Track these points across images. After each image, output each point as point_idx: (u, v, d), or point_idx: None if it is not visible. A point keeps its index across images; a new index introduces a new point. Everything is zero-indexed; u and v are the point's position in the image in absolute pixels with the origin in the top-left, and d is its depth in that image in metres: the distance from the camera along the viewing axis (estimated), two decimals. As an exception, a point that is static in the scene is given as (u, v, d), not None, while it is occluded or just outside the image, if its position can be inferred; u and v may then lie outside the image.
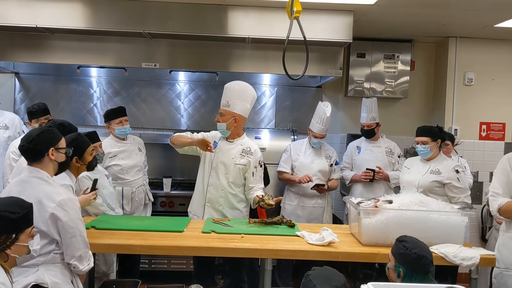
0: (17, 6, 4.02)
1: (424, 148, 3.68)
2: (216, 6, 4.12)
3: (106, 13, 4.10)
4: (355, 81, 5.22)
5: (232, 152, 3.60)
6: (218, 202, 3.59)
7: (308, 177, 4.13)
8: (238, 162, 3.58)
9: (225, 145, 3.63)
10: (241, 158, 3.59)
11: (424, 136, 3.68)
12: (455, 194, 3.60)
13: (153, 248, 2.86)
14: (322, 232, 3.01)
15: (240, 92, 3.58)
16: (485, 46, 5.12)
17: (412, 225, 2.90)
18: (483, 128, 5.17)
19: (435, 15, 4.31)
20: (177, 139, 3.65)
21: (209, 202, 3.59)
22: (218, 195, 3.58)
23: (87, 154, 2.81)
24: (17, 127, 4.48)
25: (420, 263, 2.27)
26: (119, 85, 5.32)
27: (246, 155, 3.61)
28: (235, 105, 3.54)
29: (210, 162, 3.61)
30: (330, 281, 1.85)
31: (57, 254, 2.32)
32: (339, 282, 1.85)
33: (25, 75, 5.28)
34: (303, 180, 4.13)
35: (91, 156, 2.84)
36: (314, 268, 1.95)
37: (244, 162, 3.59)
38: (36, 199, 2.22)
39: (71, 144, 2.68)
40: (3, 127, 4.42)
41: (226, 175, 3.57)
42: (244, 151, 3.62)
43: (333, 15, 4.14)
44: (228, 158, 3.58)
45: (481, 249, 3.09)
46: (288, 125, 5.29)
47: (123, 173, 4.10)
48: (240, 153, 3.60)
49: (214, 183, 3.57)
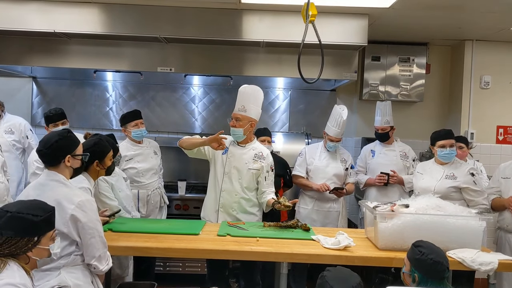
0: (36, 12, 4.09)
1: (453, 151, 3.64)
2: (230, 10, 4.14)
3: (122, 18, 4.14)
4: (370, 84, 5.20)
5: (245, 157, 3.59)
6: (232, 207, 3.59)
7: (326, 186, 4.12)
8: (251, 167, 3.57)
9: (237, 150, 3.61)
10: (254, 163, 3.58)
11: (451, 139, 3.65)
12: (473, 198, 3.57)
13: (169, 250, 2.88)
14: (337, 236, 3.00)
15: (254, 97, 3.58)
16: (502, 49, 5.06)
17: (429, 230, 2.87)
18: (500, 131, 5.11)
19: (451, 18, 4.27)
20: (186, 141, 3.62)
21: (223, 207, 3.59)
22: (232, 200, 3.58)
23: (107, 159, 2.84)
24: (22, 132, 4.56)
25: (436, 269, 2.25)
26: (135, 89, 5.37)
27: (259, 160, 3.61)
28: (250, 109, 3.54)
29: (222, 167, 3.59)
30: (346, 281, 1.86)
31: (77, 255, 2.35)
32: (355, 282, 1.87)
33: (42, 80, 5.37)
34: (321, 189, 4.12)
35: (110, 161, 2.87)
36: (328, 269, 1.95)
37: (257, 167, 3.59)
38: (55, 201, 2.25)
39: (93, 148, 2.72)
40: (9, 131, 4.50)
41: (239, 180, 3.57)
42: (257, 155, 3.61)
43: (348, 19, 4.13)
44: (241, 163, 3.57)
45: (499, 254, 3.05)
46: (302, 128, 5.28)
47: (139, 176, 4.14)
48: (253, 158, 3.59)
49: (227, 189, 3.56)
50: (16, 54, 4.45)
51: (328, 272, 1.93)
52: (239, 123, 3.53)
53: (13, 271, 1.83)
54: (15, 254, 1.89)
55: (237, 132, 3.55)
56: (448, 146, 3.64)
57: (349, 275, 1.92)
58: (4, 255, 1.87)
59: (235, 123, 3.55)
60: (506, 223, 3.71)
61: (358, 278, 1.90)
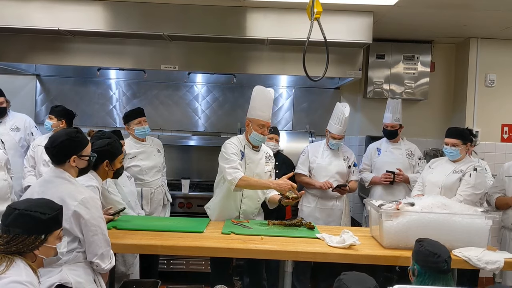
0: (40, 10, 4.08)
1: (454, 151, 3.63)
2: (235, 8, 4.12)
3: (126, 16, 4.13)
4: (374, 82, 5.18)
5: (262, 162, 3.59)
6: (253, 213, 3.60)
7: (329, 184, 4.12)
8: (267, 170, 3.59)
9: (254, 155, 3.56)
10: (267, 165, 3.61)
11: (455, 139, 3.63)
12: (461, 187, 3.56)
13: (174, 248, 2.87)
14: (342, 235, 2.99)
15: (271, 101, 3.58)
16: (507, 47, 5.03)
17: (434, 228, 2.86)
18: (505, 130, 5.09)
19: (455, 16, 4.25)
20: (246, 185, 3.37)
21: (243, 213, 3.56)
22: (254, 206, 3.59)
23: (118, 161, 2.83)
24: (27, 129, 4.59)
25: (432, 260, 2.24)
26: (138, 87, 5.37)
27: (269, 161, 3.65)
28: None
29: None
30: (363, 283, 1.90)
31: (79, 252, 2.35)
32: (372, 284, 1.91)
33: (46, 77, 5.37)
34: (324, 187, 4.12)
35: (120, 164, 2.86)
36: (345, 273, 1.99)
37: (269, 168, 3.63)
38: (59, 198, 2.26)
39: (106, 147, 2.73)
40: (15, 129, 4.52)
41: None
42: (267, 157, 3.64)
43: (353, 16, 4.12)
44: (260, 168, 3.55)
45: (505, 253, 3.03)
46: (305, 127, 5.27)
47: (142, 174, 4.13)
48: (266, 161, 3.62)
49: (249, 195, 3.52)
50: (20, 51, 4.45)
51: (344, 275, 1.97)
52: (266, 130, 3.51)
53: (20, 269, 1.83)
54: (22, 252, 1.88)
55: (264, 140, 3.55)
56: (450, 145, 3.63)
57: (365, 277, 1.96)
58: (11, 253, 1.86)
59: (266, 131, 3.50)
60: (511, 221, 3.71)
61: (374, 281, 1.94)
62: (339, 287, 1.91)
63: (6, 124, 4.50)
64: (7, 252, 1.86)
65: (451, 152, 3.65)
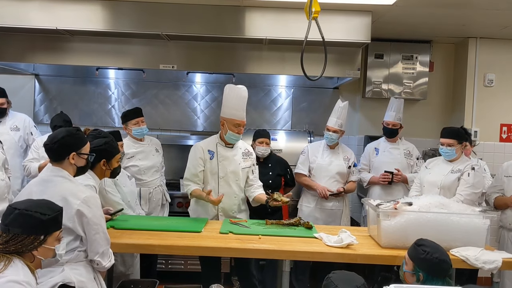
0: (38, 9, 4.08)
1: (450, 150, 3.63)
2: (233, 7, 4.12)
3: (124, 15, 4.14)
4: (373, 82, 5.18)
5: (237, 158, 3.59)
6: (232, 210, 3.59)
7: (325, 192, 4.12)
8: (244, 166, 3.60)
9: (227, 152, 3.57)
10: (245, 161, 3.62)
11: (450, 138, 3.63)
12: (460, 186, 3.56)
13: (172, 248, 2.87)
14: (340, 234, 2.99)
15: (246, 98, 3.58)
16: (506, 46, 5.03)
17: (432, 228, 2.86)
18: (503, 130, 5.08)
19: (455, 16, 4.25)
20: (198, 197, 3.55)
21: (223, 211, 3.58)
22: (232, 203, 3.58)
23: (115, 161, 2.83)
24: (26, 128, 4.59)
25: (441, 268, 2.28)
26: (137, 86, 5.37)
27: (248, 157, 3.65)
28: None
29: (215, 173, 3.53)
30: (351, 281, 1.94)
31: (81, 251, 2.36)
32: (359, 282, 1.95)
33: (45, 77, 5.37)
34: (320, 194, 4.14)
35: (117, 163, 2.86)
36: (334, 272, 2.03)
37: (248, 164, 3.63)
38: (60, 196, 2.26)
39: (103, 146, 2.73)
40: (14, 128, 4.52)
41: (237, 181, 3.57)
42: (244, 153, 3.64)
43: (352, 16, 4.12)
44: (235, 164, 3.57)
45: (503, 253, 3.04)
46: (304, 126, 5.27)
47: (141, 173, 4.13)
48: (243, 157, 3.62)
49: (226, 192, 3.51)
50: (18, 51, 4.45)
51: (333, 274, 2.01)
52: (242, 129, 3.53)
53: (18, 269, 1.83)
54: (20, 251, 1.88)
55: (239, 138, 3.56)
56: (446, 145, 3.63)
57: (353, 276, 2.00)
58: (10, 252, 1.86)
59: (241, 130, 3.52)
60: (509, 221, 3.70)
61: (363, 280, 1.97)
62: (327, 285, 1.96)
63: (6, 124, 4.50)
64: (5, 251, 1.86)
65: (447, 152, 3.65)
